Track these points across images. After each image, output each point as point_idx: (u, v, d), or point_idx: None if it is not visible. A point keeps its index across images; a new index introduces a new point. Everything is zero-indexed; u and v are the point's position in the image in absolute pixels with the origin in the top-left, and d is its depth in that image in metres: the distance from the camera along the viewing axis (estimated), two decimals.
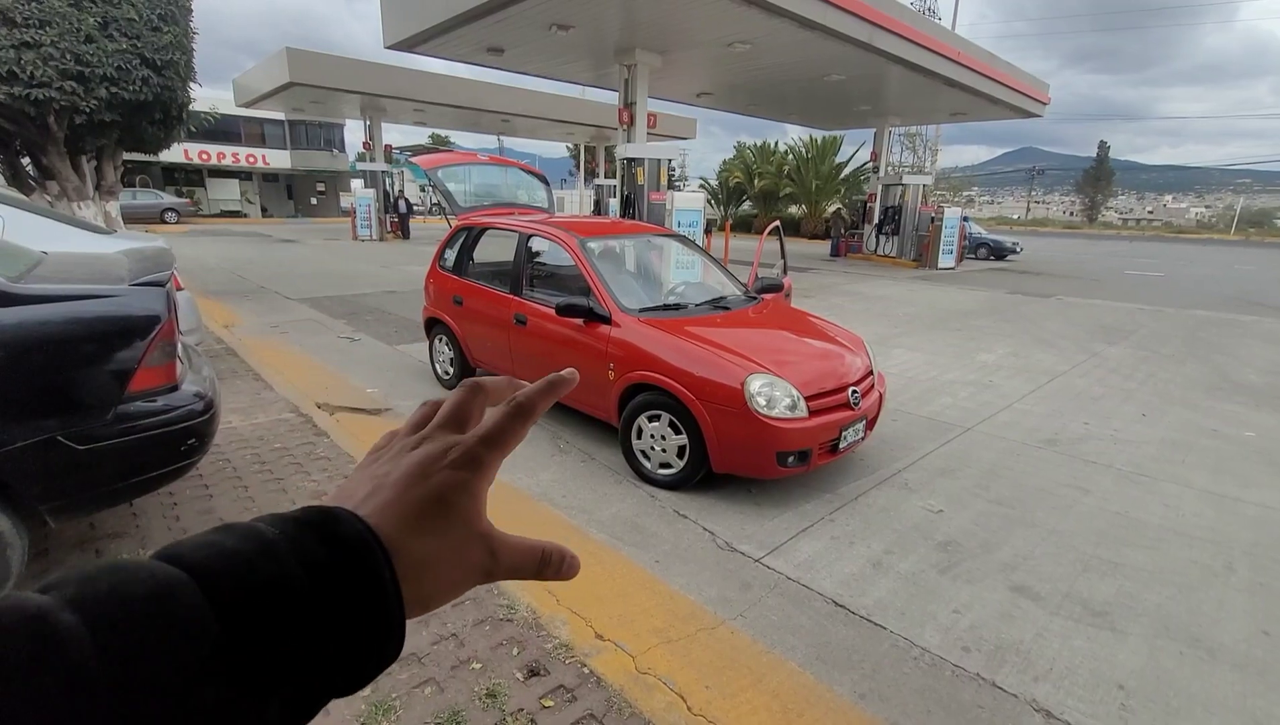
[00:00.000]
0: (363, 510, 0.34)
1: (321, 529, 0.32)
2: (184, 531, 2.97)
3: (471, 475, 0.37)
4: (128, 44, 6.93)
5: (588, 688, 2.11)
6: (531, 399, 0.41)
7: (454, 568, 0.36)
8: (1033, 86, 15.87)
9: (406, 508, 0.35)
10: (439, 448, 0.38)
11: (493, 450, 0.38)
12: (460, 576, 0.36)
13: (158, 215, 26.05)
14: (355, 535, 0.32)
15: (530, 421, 0.40)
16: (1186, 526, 3.36)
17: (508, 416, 0.40)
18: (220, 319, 7.75)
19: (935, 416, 4.99)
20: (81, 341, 2.31)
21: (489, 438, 0.39)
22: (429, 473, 0.36)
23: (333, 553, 0.31)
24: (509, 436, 0.39)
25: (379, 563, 0.32)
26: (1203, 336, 8.46)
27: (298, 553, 0.30)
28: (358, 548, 0.32)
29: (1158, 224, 61.11)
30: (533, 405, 0.41)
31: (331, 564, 0.30)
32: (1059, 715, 2.10)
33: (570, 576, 0.40)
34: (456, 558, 0.36)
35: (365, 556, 0.32)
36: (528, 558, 0.39)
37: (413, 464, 0.37)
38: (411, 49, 11.48)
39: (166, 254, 3.16)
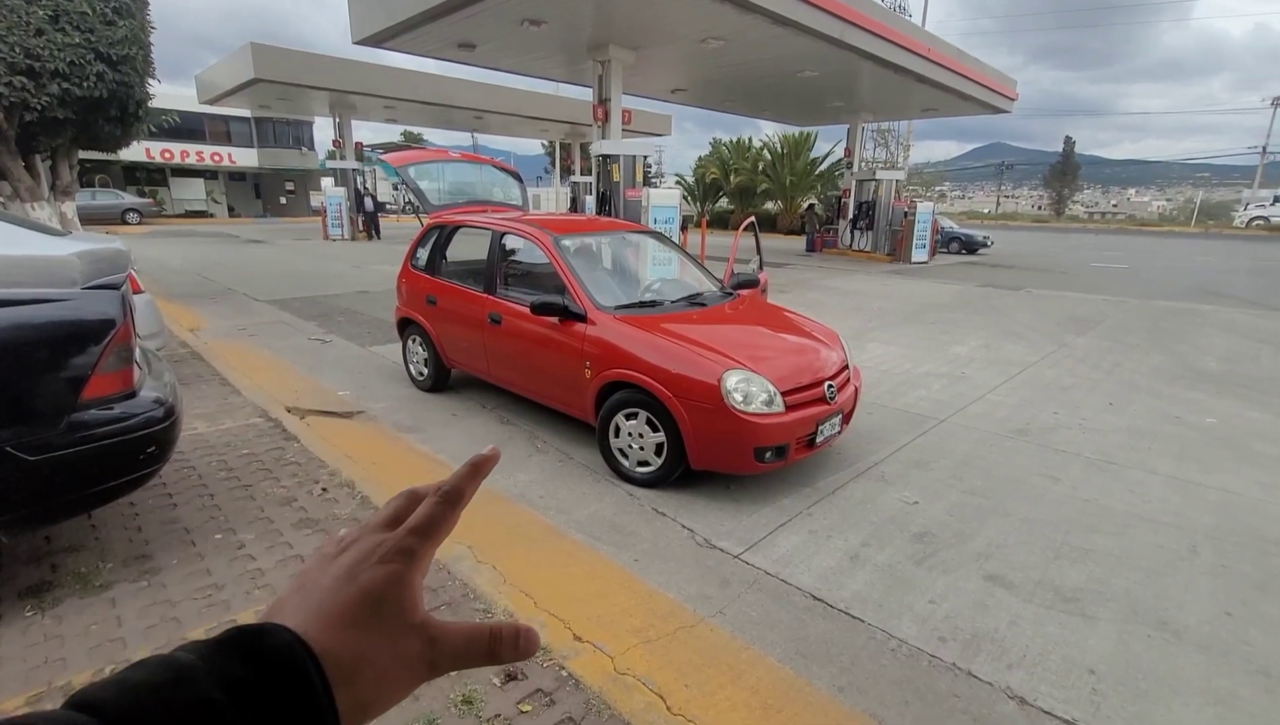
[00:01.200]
0: (291, 621, 0.33)
1: (245, 646, 0.31)
2: (145, 543, 2.87)
3: (401, 567, 0.36)
4: (80, 38, 6.68)
5: (566, 690, 2.08)
6: (457, 486, 0.41)
7: (390, 665, 0.34)
8: (1001, 83, 16.15)
9: (335, 610, 0.34)
10: (368, 547, 0.38)
11: (422, 540, 0.38)
12: (399, 673, 0.35)
13: (118, 216, 25.28)
14: (281, 646, 0.31)
15: (459, 507, 0.40)
16: (1152, 512, 3.44)
17: (436, 505, 0.39)
18: (185, 322, 7.53)
19: (910, 409, 5.05)
20: (30, 348, 2.21)
21: (416, 528, 0.38)
22: (357, 572, 0.36)
23: (257, 669, 0.30)
24: (438, 524, 0.39)
25: (307, 671, 0.31)
26: (1165, 326, 8.70)
27: (217, 674, 0.29)
28: (284, 659, 0.31)
29: (1121, 217, 62.75)
30: (460, 491, 0.40)
31: (255, 680, 0.30)
32: (1032, 702, 2.13)
33: (530, 653, 0.39)
34: (391, 654, 0.34)
35: (292, 667, 0.31)
36: (474, 641, 0.37)
37: (341, 567, 0.36)
38: (380, 45, 11.26)
39: (122, 255, 3.04)
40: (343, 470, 3.66)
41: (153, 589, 2.55)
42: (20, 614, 2.37)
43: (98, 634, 2.29)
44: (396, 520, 0.40)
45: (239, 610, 2.43)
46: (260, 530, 3.01)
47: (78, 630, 2.30)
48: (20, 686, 2.03)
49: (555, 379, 4.13)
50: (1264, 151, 48.22)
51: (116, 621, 2.35)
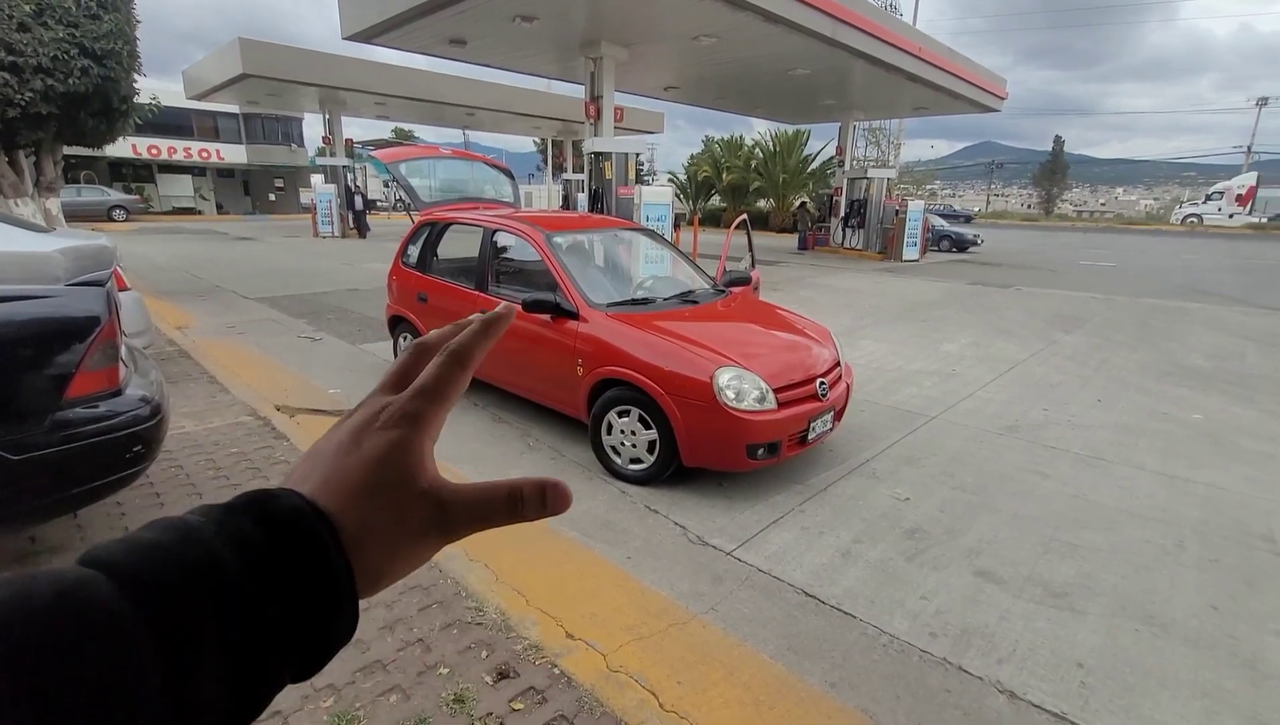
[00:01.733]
0: (302, 487, 0.33)
1: (255, 509, 0.31)
2: None
3: (406, 431, 0.35)
4: (64, 32, 6.59)
5: (558, 688, 2.08)
6: (466, 345, 0.38)
7: (397, 533, 0.33)
8: (991, 81, 16.25)
9: (338, 477, 0.33)
10: (372, 411, 0.36)
11: (428, 402, 0.36)
12: (408, 541, 0.34)
13: (105, 213, 24.96)
14: (291, 509, 0.31)
15: (467, 368, 0.38)
16: (1140, 507, 3.47)
17: (443, 366, 0.37)
18: (172, 320, 7.45)
19: (901, 406, 5.07)
20: (13, 345, 2.18)
21: (422, 390, 0.36)
22: (361, 438, 0.34)
23: (268, 530, 0.30)
24: (445, 386, 0.37)
25: (320, 534, 0.31)
26: (1153, 324, 8.78)
27: (226, 535, 0.29)
28: (295, 522, 0.30)
29: (1110, 216, 63.31)
30: (468, 351, 0.38)
31: (266, 541, 0.29)
32: (1022, 696, 2.14)
33: (560, 509, 0.36)
34: (398, 521, 0.33)
35: (304, 530, 0.30)
36: (491, 502, 0.35)
37: (345, 432, 0.35)
38: (370, 40, 11.18)
39: (107, 252, 3.00)
40: None
41: None
42: None
43: None
44: (405, 379, 0.38)
45: None
46: None
47: None
48: None
49: (547, 376, 4.12)
50: (1249, 151, 48.78)
51: None
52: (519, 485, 0.36)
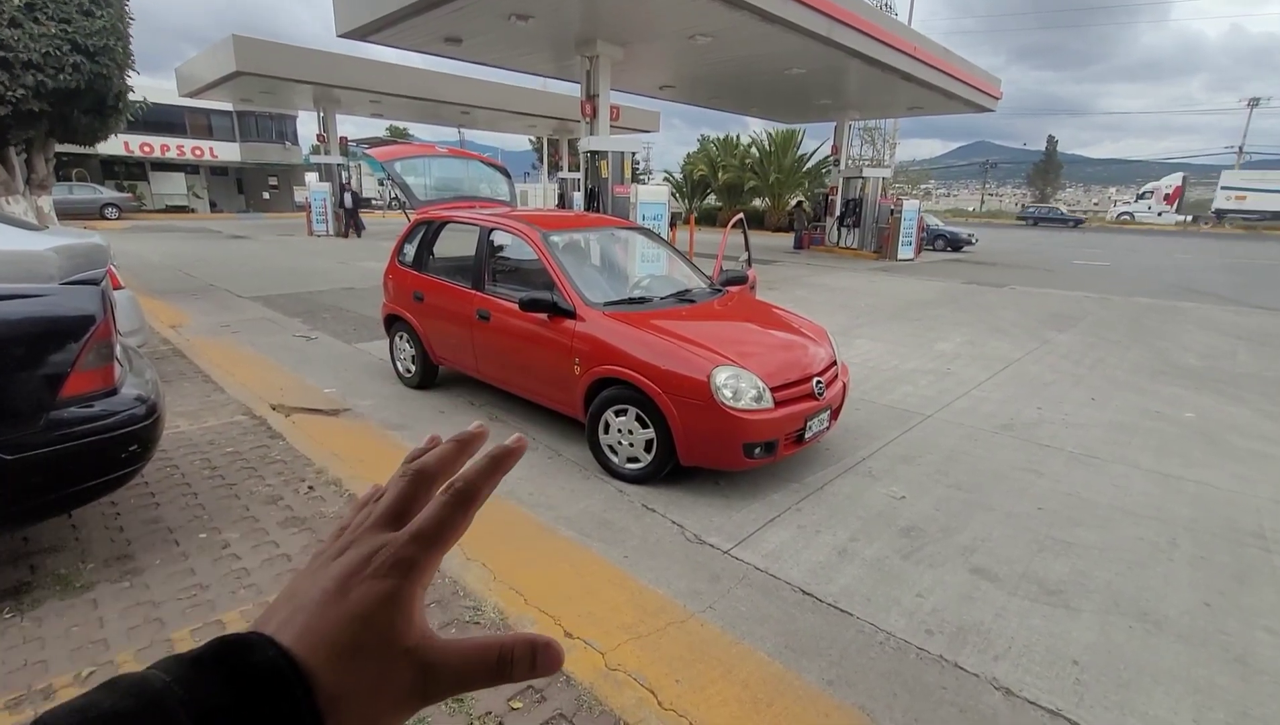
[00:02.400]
0: (281, 636, 0.30)
1: (228, 665, 0.28)
2: (127, 543, 2.83)
3: (398, 583, 0.32)
4: (56, 28, 6.54)
5: (556, 687, 2.08)
6: (473, 483, 0.35)
7: (376, 696, 0.30)
8: (985, 81, 16.30)
9: (321, 631, 0.30)
10: (364, 553, 0.33)
11: (426, 549, 0.33)
12: (386, 705, 0.31)
13: (97, 210, 24.79)
14: (268, 666, 0.28)
15: (473, 509, 0.34)
16: (1133, 505, 3.50)
17: (446, 506, 0.34)
18: (166, 319, 7.41)
19: (896, 405, 5.09)
20: (6, 344, 2.17)
21: (422, 534, 0.33)
22: (348, 587, 0.31)
23: (239, 693, 0.27)
24: (447, 530, 0.34)
25: (295, 697, 0.28)
26: (1146, 323, 8.84)
27: (192, 702, 0.26)
28: (270, 682, 0.28)
29: (1102, 215, 63.65)
30: (475, 491, 0.35)
31: (236, 708, 0.26)
32: (1018, 693, 2.16)
33: (552, 670, 0.33)
34: (378, 684, 0.30)
35: (278, 692, 0.28)
36: (479, 662, 0.32)
37: (332, 578, 0.32)
38: (365, 38, 11.14)
39: (101, 250, 2.98)
40: (329, 468, 3.62)
41: (135, 589, 2.51)
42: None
43: (79, 635, 2.25)
44: (402, 512, 0.35)
45: (224, 610, 2.40)
46: (245, 529, 2.97)
47: (58, 632, 2.26)
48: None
49: (544, 376, 4.12)
50: (1240, 151, 49.13)
51: (98, 623, 2.32)
52: (509, 646, 0.33)
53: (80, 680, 2.04)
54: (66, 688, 2.01)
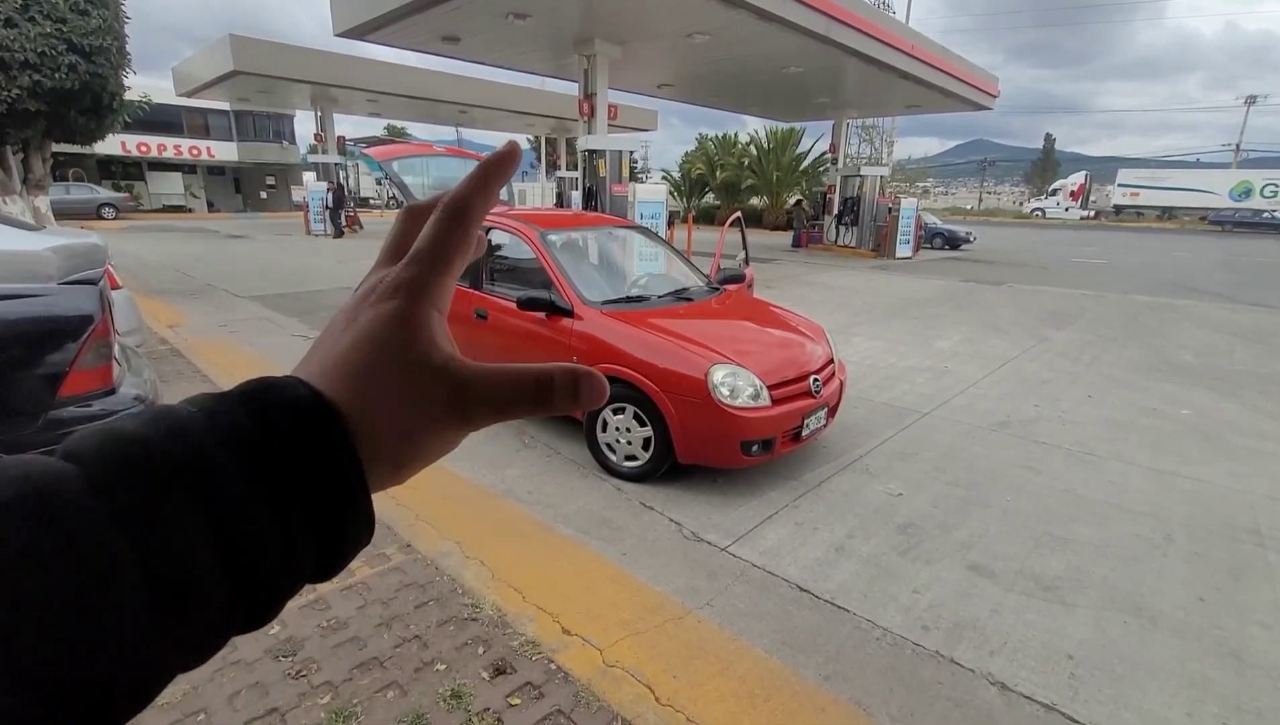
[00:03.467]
0: (307, 374, 0.30)
1: (253, 399, 0.28)
2: None
3: (404, 301, 0.31)
4: (52, 27, 6.53)
5: (555, 683, 2.09)
6: (462, 195, 0.33)
7: (413, 415, 0.30)
8: (983, 80, 16.32)
9: (339, 358, 0.30)
10: (368, 286, 0.33)
11: (426, 268, 0.32)
12: (426, 425, 0.30)
13: (94, 210, 24.73)
14: (290, 400, 0.28)
15: (468, 225, 0.33)
16: (1130, 502, 3.52)
17: (438, 223, 0.33)
18: (164, 319, 7.41)
19: (894, 402, 5.10)
20: (4, 344, 2.17)
21: (418, 255, 0.32)
22: (356, 314, 0.32)
23: (265, 422, 0.27)
24: (444, 248, 0.33)
25: (323, 424, 0.28)
26: (1143, 320, 8.87)
27: (218, 429, 0.26)
28: (295, 412, 0.28)
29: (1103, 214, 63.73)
30: (466, 203, 0.33)
31: (263, 434, 0.27)
32: (1013, 687, 2.17)
33: (595, 402, 0.32)
34: (411, 403, 0.30)
35: (305, 420, 0.28)
36: (518, 386, 0.32)
37: (341, 313, 0.32)
38: (363, 37, 11.12)
39: (99, 250, 2.99)
40: None
41: None
42: None
43: None
44: (401, 248, 0.34)
45: None
46: None
47: None
48: None
49: None
50: (1237, 149, 49.22)
51: None
52: (549, 371, 0.32)
53: None
54: None
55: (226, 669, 2.10)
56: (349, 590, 2.54)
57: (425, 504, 3.26)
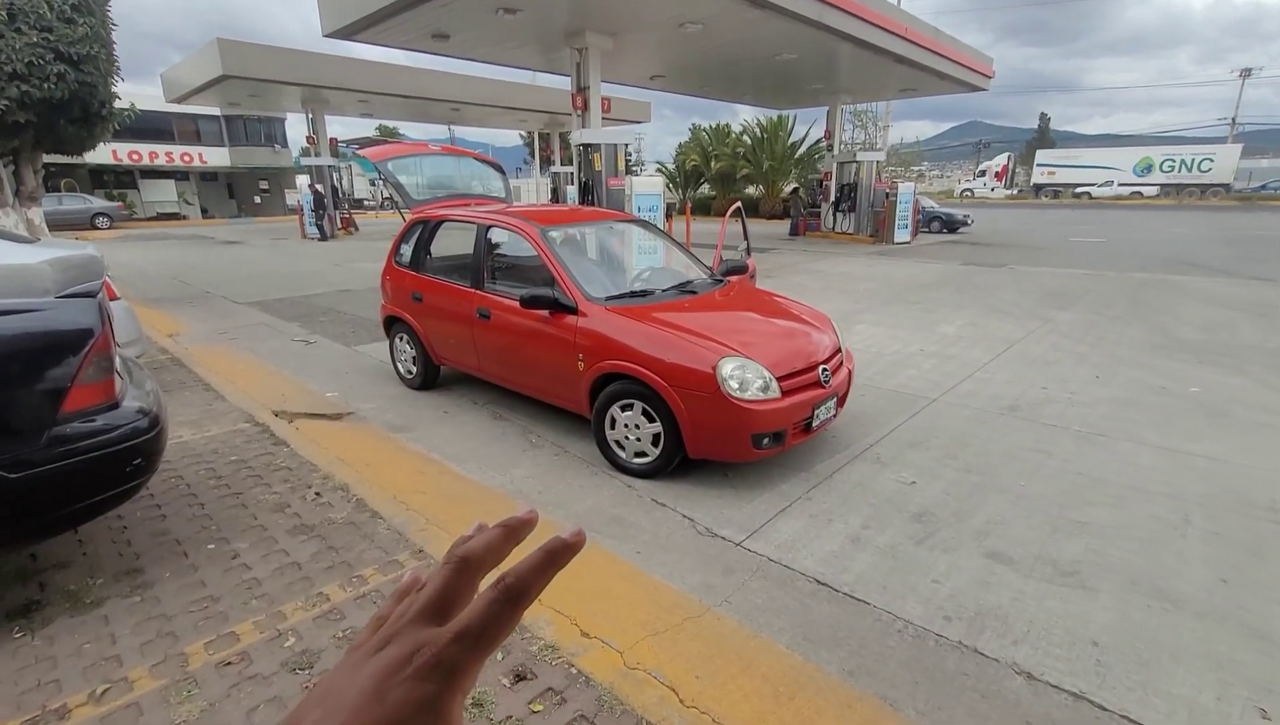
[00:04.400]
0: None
1: None
2: (136, 557, 2.80)
3: (439, 688, 0.29)
4: (39, 37, 6.44)
5: (577, 688, 2.07)
6: (523, 579, 0.32)
7: None
8: (978, 61, 16.19)
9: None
10: (404, 651, 0.30)
11: (471, 650, 0.30)
12: None
13: (87, 221, 24.62)
14: None
15: (522, 608, 0.32)
16: (1144, 482, 3.49)
17: (493, 603, 0.31)
18: (163, 328, 7.36)
19: (901, 389, 5.07)
20: (4, 362, 2.13)
21: (467, 633, 0.30)
22: (386, 689, 0.29)
23: None
24: (494, 630, 0.31)
25: None
26: (1145, 298, 8.82)
27: None
28: None
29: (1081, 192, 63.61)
30: (526, 588, 0.32)
31: None
32: (1039, 676, 2.15)
33: None
34: None
35: None
36: None
37: (370, 676, 0.30)
38: (351, 37, 11.00)
39: (96, 262, 2.94)
40: (336, 473, 3.60)
41: (146, 603, 2.49)
42: (9, 636, 2.30)
43: (92, 653, 2.23)
44: (446, 605, 0.33)
45: (237, 622, 2.38)
46: (254, 538, 2.95)
47: (70, 650, 2.24)
48: (12, 712, 1.97)
49: (548, 373, 4.09)
50: (1234, 122, 49.00)
51: (111, 639, 2.29)
52: None
53: (95, 699, 2.02)
54: (81, 706, 1.99)
55: (244, 684, 2.07)
56: (363, 599, 2.51)
57: (435, 508, 3.23)
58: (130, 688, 2.07)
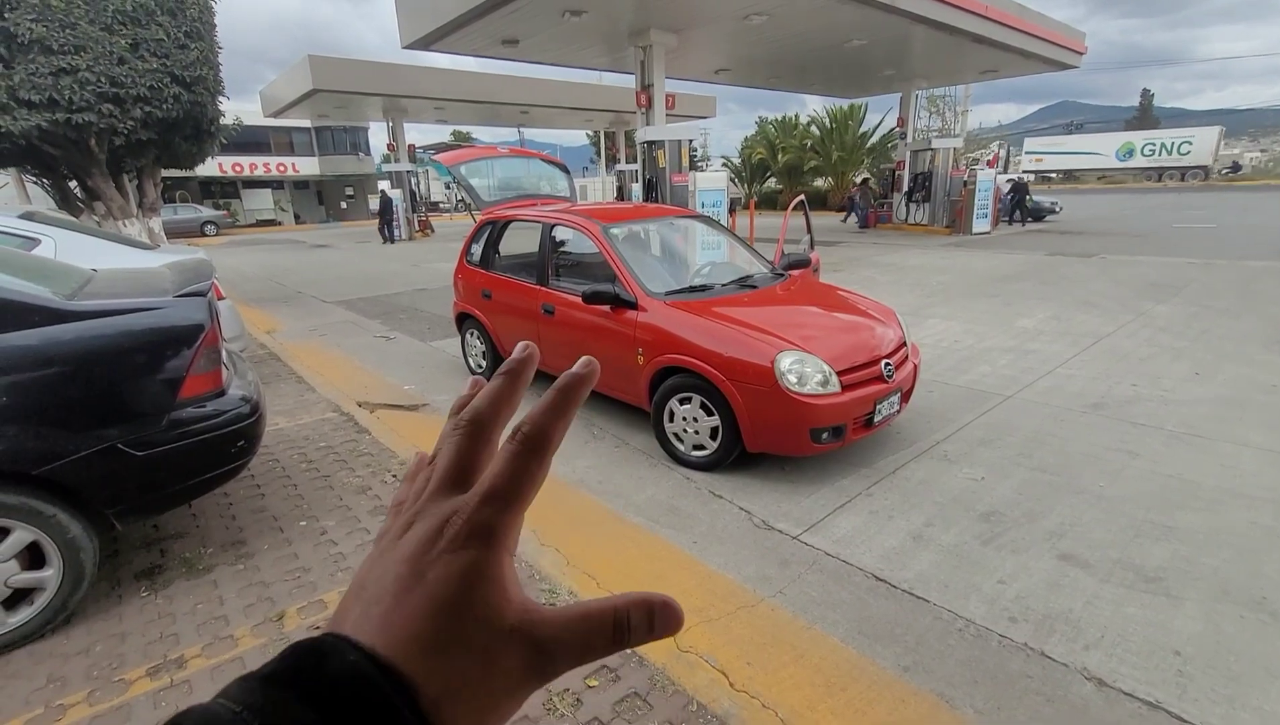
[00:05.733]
0: (360, 633, 0.26)
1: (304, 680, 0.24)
2: (240, 530, 3.11)
3: (478, 553, 0.28)
4: (158, 63, 7.15)
5: (630, 667, 2.15)
6: (541, 425, 0.30)
7: (489, 685, 0.26)
8: (1067, 37, 15.15)
9: (406, 622, 0.26)
10: (433, 525, 0.29)
11: (503, 510, 0.28)
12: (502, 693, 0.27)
13: (198, 228, 26.97)
14: (349, 673, 0.24)
15: (547, 455, 0.30)
16: (1245, 487, 3.23)
17: (516, 457, 0.29)
18: (262, 325, 8.01)
19: (973, 385, 4.87)
20: (133, 353, 2.43)
21: (495, 493, 0.29)
22: (423, 567, 0.27)
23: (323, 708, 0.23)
24: (523, 485, 0.29)
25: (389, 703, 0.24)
26: (1258, 288, 8.04)
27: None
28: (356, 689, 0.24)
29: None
30: (546, 434, 0.30)
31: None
32: (1112, 683, 2.05)
33: (672, 630, 0.29)
34: (487, 672, 0.26)
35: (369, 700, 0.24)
36: (593, 632, 0.28)
37: (402, 559, 0.28)
38: (428, 47, 11.56)
39: (206, 265, 3.28)
40: (411, 460, 3.83)
41: (248, 571, 2.77)
42: (137, 594, 2.62)
43: (203, 612, 2.50)
44: (465, 470, 0.31)
45: (325, 591, 2.61)
46: (340, 517, 3.21)
47: (186, 609, 2.53)
48: (141, 659, 2.26)
49: (609, 367, 4.20)
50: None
51: (219, 601, 2.57)
52: (623, 609, 0.29)
53: (206, 651, 2.28)
54: (196, 658, 2.25)
55: None
56: None
57: None
58: (235, 644, 2.32)
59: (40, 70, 6.51)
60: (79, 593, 2.41)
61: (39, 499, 2.26)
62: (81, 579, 2.39)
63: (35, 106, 6.62)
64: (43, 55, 6.52)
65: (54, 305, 2.32)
